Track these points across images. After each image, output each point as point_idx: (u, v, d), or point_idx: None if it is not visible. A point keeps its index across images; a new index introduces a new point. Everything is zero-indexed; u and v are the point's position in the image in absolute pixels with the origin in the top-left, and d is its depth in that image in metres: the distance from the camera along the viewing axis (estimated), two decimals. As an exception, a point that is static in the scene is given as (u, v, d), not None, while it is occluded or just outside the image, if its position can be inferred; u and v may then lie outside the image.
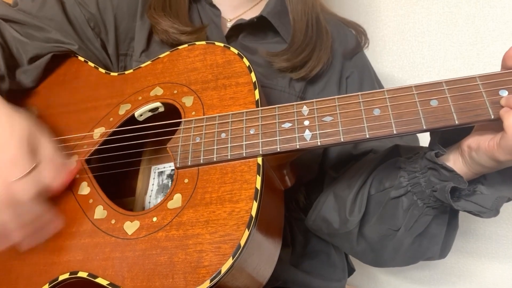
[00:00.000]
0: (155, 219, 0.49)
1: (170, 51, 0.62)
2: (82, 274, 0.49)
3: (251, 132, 0.50)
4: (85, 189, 0.56)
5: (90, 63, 0.67)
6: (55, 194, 0.52)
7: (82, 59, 0.68)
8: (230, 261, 0.43)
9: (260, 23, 0.69)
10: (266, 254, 0.51)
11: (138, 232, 0.49)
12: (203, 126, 0.52)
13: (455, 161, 0.48)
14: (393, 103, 0.46)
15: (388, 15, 0.99)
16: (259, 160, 0.48)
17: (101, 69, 0.66)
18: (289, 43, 0.69)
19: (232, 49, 0.58)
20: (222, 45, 0.59)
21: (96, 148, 0.58)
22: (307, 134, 0.48)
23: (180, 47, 0.62)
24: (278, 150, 0.48)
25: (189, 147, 0.52)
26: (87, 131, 0.60)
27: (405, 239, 0.55)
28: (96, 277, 0.48)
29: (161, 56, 0.62)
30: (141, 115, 0.59)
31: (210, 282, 0.43)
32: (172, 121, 0.55)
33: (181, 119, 0.55)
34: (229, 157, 0.49)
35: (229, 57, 0.57)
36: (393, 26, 0.98)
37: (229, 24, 0.72)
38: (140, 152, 0.66)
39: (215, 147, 0.50)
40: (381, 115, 0.46)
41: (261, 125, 0.50)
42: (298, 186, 0.74)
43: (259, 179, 0.47)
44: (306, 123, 0.48)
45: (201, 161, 0.50)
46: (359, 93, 0.48)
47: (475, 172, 0.47)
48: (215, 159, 0.50)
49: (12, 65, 0.63)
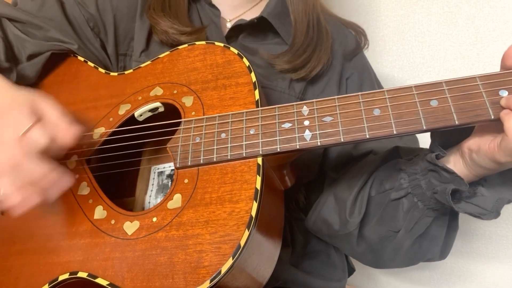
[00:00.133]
0: (155, 219, 0.49)
1: (170, 51, 0.62)
2: (82, 275, 0.49)
3: (251, 132, 0.50)
4: (85, 189, 0.55)
5: (89, 63, 0.67)
6: (60, 155, 0.50)
7: (81, 59, 0.67)
8: (230, 261, 0.43)
9: (260, 24, 0.69)
10: (266, 254, 0.51)
11: (138, 232, 0.49)
12: (203, 126, 0.52)
13: (455, 163, 0.48)
14: (393, 103, 0.46)
15: (388, 15, 0.99)
16: (259, 160, 0.48)
17: (100, 69, 0.66)
18: (290, 44, 0.69)
19: (232, 49, 0.58)
20: (222, 45, 0.59)
21: (96, 148, 0.58)
22: (307, 134, 0.48)
23: (180, 47, 0.61)
24: (278, 150, 0.48)
25: (189, 147, 0.52)
26: (87, 131, 0.60)
27: (405, 240, 0.55)
28: (96, 277, 0.48)
29: (161, 56, 0.62)
30: (141, 115, 0.59)
31: (210, 282, 0.43)
32: (172, 121, 0.55)
33: (181, 119, 0.55)
34: (229, 157, 0.49)
35: (229, 57, 0.57)
36: (393, 26, 0.98)
37: (228, 25, 0.72)
38: (140, 152, 0.66)
39: (215, 147, 0.50)
40: (381, 115, 0.46)
41: (261, 125, 0.50)
42: (298, 186, 0.74)
43: (259, 179, 0.47)
44: (306, 123, 0.48)
45: (201, 161, 0.50)
46: (359, 93, 0.48)
47: (475, 174, 0.47)
48: (215, 159, 0.50)
49: (13, 62, 0.63)
